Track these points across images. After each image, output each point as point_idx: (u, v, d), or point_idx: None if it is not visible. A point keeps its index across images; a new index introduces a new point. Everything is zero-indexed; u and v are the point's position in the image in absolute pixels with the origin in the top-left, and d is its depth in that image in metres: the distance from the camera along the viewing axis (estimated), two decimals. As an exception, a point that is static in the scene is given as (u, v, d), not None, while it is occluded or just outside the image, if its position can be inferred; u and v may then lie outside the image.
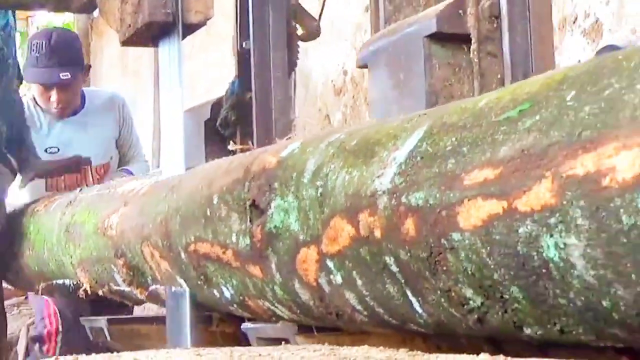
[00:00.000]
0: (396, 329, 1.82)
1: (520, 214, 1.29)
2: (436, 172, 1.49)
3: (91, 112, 4.66)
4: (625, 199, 1.13)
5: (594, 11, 3.65)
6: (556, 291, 1.30)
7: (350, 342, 2.05)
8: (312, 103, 6.10)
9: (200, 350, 1.76)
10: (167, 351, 1.86)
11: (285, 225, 1.94)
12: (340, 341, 2.09)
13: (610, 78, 1.24)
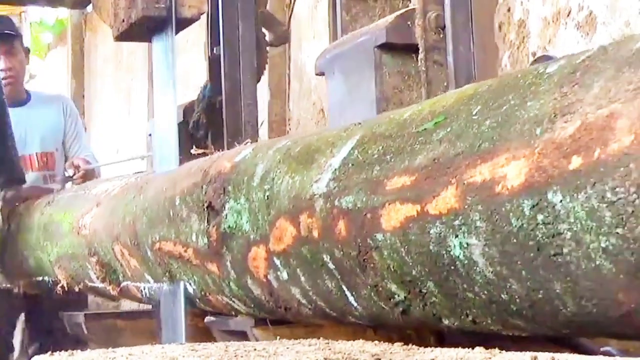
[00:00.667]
0: (338, 321, 1.95)
1: (431, 216, 1.43)
2: (364, 178, 1.62)
3: (35, 106, 4.81)
4: (514, 203, 1.27)
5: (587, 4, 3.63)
6: (464, 286, 1.44)
7: (304, 334, 2.19)
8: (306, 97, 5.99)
9: (195, 346, 1.75)
10: (163, 346, 1.85)
11: (238, 226, 2.08)
12: (295, 333, 2.22)
13: (508, 95, 1.38)
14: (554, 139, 1.21)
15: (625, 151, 1.10)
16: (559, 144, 1.20)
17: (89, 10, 8.64)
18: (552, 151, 1.21)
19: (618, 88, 1.15)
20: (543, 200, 1.22)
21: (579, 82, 1.24)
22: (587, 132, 1.16)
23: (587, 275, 1.21)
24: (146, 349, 1.75)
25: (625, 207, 1.11)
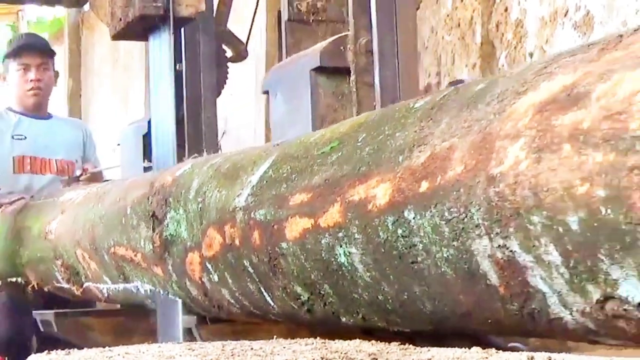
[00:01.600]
0: (262, 319, 2.17)
1: (322, 229, 1.65)
2: (274, 194, 1.84)
3: (58, 123, 5.04)
4: (381, 219, 1.49)
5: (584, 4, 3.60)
6: (350, 288, 1.66)
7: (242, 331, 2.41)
8: None
9: (192, 345, 1.74)
10: (159, 345, 1.84)
11: (177, 234, 2.29)
12: (235, 330, 2.44)
13: (385, 125, 1.60)
14: (411, 166, 1.43)
15: (457, 178, 1.32)
16: (413, 170, 1.42)
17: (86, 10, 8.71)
18: (409, 176, 1.43)
19: (457, 125, 1.37)
20: (401, 217, 1.44)
21: (433, 118, 1.46)
22: (434, 161, 1.38)
23: (436, 280, 1.42)
24: (143, 348, 1.74)
25: (458, 224, 1.32)
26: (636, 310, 1.14)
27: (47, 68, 4.92)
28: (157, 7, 2.96)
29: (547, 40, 3.78)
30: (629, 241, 1.08)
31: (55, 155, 4.90)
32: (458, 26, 4.40)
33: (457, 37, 4.40)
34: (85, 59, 9.94)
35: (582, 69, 1.18)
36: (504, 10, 4.06)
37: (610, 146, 1.08)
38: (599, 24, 3.52)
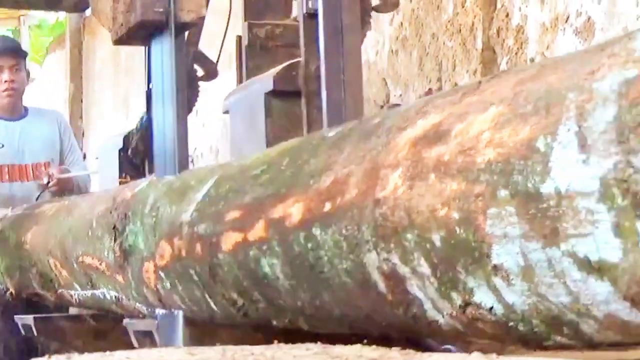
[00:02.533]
0: (209, 323, 2.36)
1: (249, 242, 1.85)
2: (213, 210, 2.04)
3: (32, 120, 5.19)
4: (295, 234, 1.68)
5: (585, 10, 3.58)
6: (275, 295, 1.85)
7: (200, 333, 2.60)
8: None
9: (192, 350, 1.71)
10: (159, 350, 1.81)
11: (135, 245, 2.48)
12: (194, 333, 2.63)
13: (304, 151, 1.80)
14: (318, 189, 1.63)
15: (352, 200, 1.52)
16: (320, 192, 1.62)
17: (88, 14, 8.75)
18: (316, 197, 1.63)
19: (355, 154, 1.57)
20: (310, 233, 1.63)
21: (339, 147, 1.66)
22: (335, 185, 1.58)
23: (339, 287, 1.62)
24: (143, 353, 1.72)
25: (353, 240, 1.52)
26: (489, 314, 1.34)
27: (19, 69, 5.09)
28: (158, 13, 2.95)
29: (548, 46, 3.80)
30: (477, 256, 1.28)
31: (31, 158, 5.05)
32: (459, 32, 4.39)
33: (458, 42, 4.39)
34: (87, 64, 9.89)
35: (448, 110, 1.38)
36: (505, 16, 4.07)
37: (462, 176, 1.28)
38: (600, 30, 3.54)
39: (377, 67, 5.08)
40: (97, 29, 8.85)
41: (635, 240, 1.09)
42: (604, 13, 3.51)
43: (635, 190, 1.07)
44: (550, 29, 3.81)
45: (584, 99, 1.13)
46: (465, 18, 4.35)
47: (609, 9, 3.49)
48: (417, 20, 4.70)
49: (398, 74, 4.89)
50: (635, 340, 1.24)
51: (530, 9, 3.88)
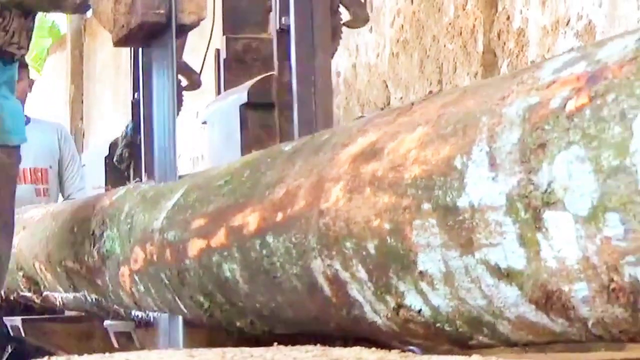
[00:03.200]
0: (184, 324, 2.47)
1: (212, 249, 1.96)
2: (181, 218, 2.15)
3: (34, 128, 5.29)
4: (252, 242, 1.80)
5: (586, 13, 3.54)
6: (236, 297, 1.97)
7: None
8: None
9: (192, 351, 1.69)
10: (160, 352, 1.79)
11: (112, 250, 2.60)
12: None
13: (262, 164, 1.91)
14: (272, 199, 1.75)
15: (300, 211, 1.63)
16: (274, 203, 1.74)
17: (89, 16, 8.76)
18: (270, 207, 1.74)
19: (305, 168, 1.69)
20: (265, 240, 1.75)
21: (292, 161, 1.77)
22: (287, 197, 1.70)
23: (291, 291, 1.74)
24: (143, 355, 1.70)
25: (301, 247, 1.64)
26: (419, 316, 1.45)
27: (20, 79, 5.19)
28: (159, 15, 2.91)
29: (549, 49, 3.81)
30: (406, 263, 1.40)
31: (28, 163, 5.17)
32: (460, 34, 4.39)
33: (459, 45, 4.38)
34: (87, 65, 9.88)
35: (383, 129, 1.50)
36: (505, 19, 4.08)
37: (392, 190, 1.40)
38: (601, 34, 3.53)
39: (377, 70, 5.07)
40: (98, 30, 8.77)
41: (537, 250, 1.20)
42: (604, 16, 3.52)
43: (535, 205, 1.18)
44: (551, 32, 3.80)
45: (495, 122, 1.25)
46: (466, 21, 4.33)
47: (610, 12, 3.49)
48: (418, 22, 4.68)
49: (399, 77, 4.87)
50: (545, 340, 1.35)
51: (531, 11, 3.86)
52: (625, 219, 1.09)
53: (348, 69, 5.38)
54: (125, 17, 2.98)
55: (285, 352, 1.57)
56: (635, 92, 1.08)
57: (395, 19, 4.85)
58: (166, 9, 2.90)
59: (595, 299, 1.17)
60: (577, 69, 1.19)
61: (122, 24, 3.00)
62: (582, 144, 1.13)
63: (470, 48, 4.32)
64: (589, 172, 1.12)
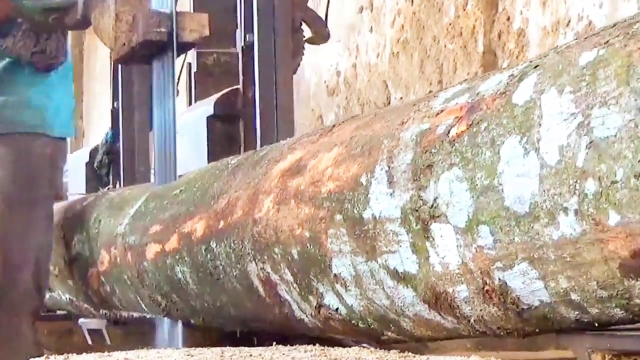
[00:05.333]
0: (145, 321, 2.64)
1: (166, 252, 2.12)
2: (141, 224, 2.32)
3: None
4: (199, 247, 1.96)
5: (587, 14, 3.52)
6: (188, 297, 2.13)
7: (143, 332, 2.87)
8: (305, 103, 5.69)
9: (191, 351, 1.69)
10: (158, 351, 1.78)
11: (81, 252, 2.76)
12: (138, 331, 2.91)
13: (212, 177, 2.08)
14: (216, 209, 1.91)
15: (238, 220, 1.80)
16: (218, 212, 1.90)
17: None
18: (214, 216, 1.91)
19: (244, 180, 1.85)
20: (209, 246, 1.91)
21: (234, 174, 1.94)
22: (228, 206, 1.86)
23: (232, 291, 1.90)
24: (142, 354, 1.71)
25: (239, 252, 1.80)
26: (336, 314, 1.62)
27: None
28: (160, 33, 2.91)
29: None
30: (323, 267, 1.56)
31: None
32: (460, 35, 4.36)
33: (460, 45, 4.35)
34: (87, 64, 9.95)
35: (308, 147, 1.67)
36: (506, 20, 4.07)
37: (312, 203, 1.57)
38: None
39: (377, 70, 5.04)
40: (98, 30, 8.83)
41: (426, 256, 1.37)
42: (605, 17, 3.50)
43: (424, 218, 1.35)
44: (552, 33, 3.79)
45: (394, 145, 1.42)
46: (467, 21, 4.31)
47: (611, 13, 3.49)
48: (418, 22, 4.66)
49: (399, 77, 4.85)
50: (442, 336, 1.52)
51: (532, 12, 3.86)
52: (494, 230, 1.26)
53: (348, 68, 5.34)
54: (127, 35, 3.01)
55: (284, 352, 1.59)
56: (503, 122, 1.25)
57: (396, 19, 4.82)
58: (167, 27, 2.93)
59: (474, 299, 1.34)
60: (461, 100, 1.36)
61: (123, 42, 3.02)
62: (461, 166, 1.29)
63: (470, 48, 4.29)
64: (466, 190, 1.28)
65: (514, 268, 1.26)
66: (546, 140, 1.19)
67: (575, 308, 1.24)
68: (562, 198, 1.17)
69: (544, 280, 1.23)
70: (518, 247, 1.24)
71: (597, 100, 1.14)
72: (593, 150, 1.13)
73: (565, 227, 1.17)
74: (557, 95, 1.20)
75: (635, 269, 1.14)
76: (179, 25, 2.95)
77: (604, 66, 1.15)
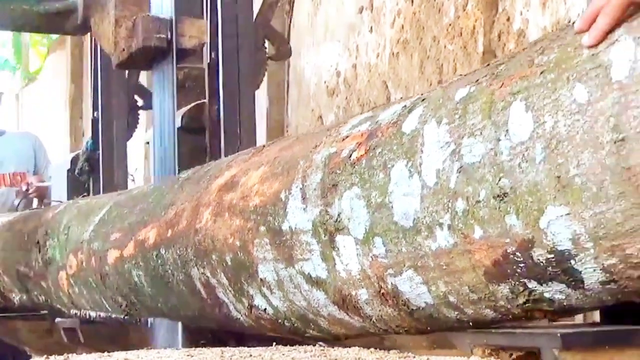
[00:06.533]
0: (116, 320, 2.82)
1: (124, 258, 2.31)
2: (104, 231, 2.50)
3: (10, 139, 5.65)
4: (152, 252, 2.14)
5: None
6: (145, 299, 2.31)
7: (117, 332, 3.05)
8: (305, 104, 5.72)
9: (191, 351, 1.70)
10: (158, 351, 1.78)
11: (53, 257, 2.94)
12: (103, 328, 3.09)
13: (165, 188, 2.26)
14: (166, 219, 2.09)
15: (183, 229, 1.98)
16: (167, 221, 2.08)
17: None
18: (164, 225, 2.09)
19: (190, 194, 2.04)
20: (159, 252, 2.10)
21: (183, 187, 2.12)
22: (175, 217, 2.04)
23: (180, 294, 2.08)
24: (142, 354, 1.71)
25: (184, 258, 1.98)
26: (265, 314, 1.80)
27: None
28: (160, 39, 2.95)
29: None
30: (251, 272, 1.75)
31: (7, 169, 5.52)
32: (460, 35, 4.39)
33: (459, 46, 4.38)
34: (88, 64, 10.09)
35: (241, 165, 1.85)
36: (506, 20, 4.09)
37: (242, 215, 1.75)
38: None
39: (377, 70, 5.05)
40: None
41: (333, 264, 1.55)
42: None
43: (330, 230, 1.53)
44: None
45: (307, 165, 1.60)
46: (467, 21, 4.34)
47: None
48: (418, 23, 4.68)
49: (399, 77, 4.87)
50: (354, 334, 1.70)
51: (532, 13, 3.89)
52: (385, 242, 1.44)
53: (348, 69, 5.34)
54: (126, 41, 3.05)
55: (284, 352, 1.60)
56: (393, 148, 1.44)
57: (396, 20, 4.83)
58: (167, 33, 2.97)
59: (373, 301, 1.52)
60: (363, 127, 1.54)
61: (122, 48, 3.06)
62: (360, 185, 1.48)
63: (470, 49, 4.31)
64: (364, 207, 1.47)
65: (403, 274, 1.44)
66: (426, 164, 1.37)
67: (454, 309, 1.42)
68: (438, 215, 1.35)
69: (427, 284, 1.42)
70: (405, 256, 1.42)
71: (467, 131, 1.33)
72: (462, 174, 1.32)
73: (441, 239, 1.36)
74: (436, 126, 1.38)
75: (497, 276, 1.32)
76: (178, 31, 3.02)
77: (472, 102, 1.34)
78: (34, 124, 11.09)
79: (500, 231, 1.28)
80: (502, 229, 1.27)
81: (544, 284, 1.29)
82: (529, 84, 1.26)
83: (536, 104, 1.24)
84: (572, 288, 1.27)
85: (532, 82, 1.26)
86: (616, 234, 1.17)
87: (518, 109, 1.26)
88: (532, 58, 1.29)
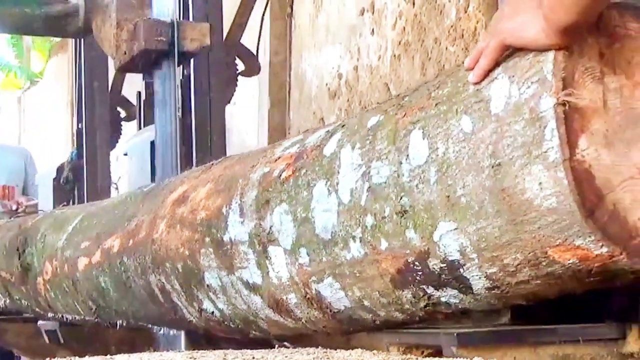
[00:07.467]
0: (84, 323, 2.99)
1: (93, 265, 2.48)
2: (75, 240, 2.67)
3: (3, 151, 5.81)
4: (116, 259, 2.32)
5: None
6: (112, 303, 2.48)
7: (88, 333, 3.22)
8: (306, 106, 5.72)
9: (193, 353, 1.69)
10: (161, 354, 1.78)
11: (32, 263, 3.11)
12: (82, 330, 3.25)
13: (130, 201, 2.43)
14: (128, 229, 2.27)
15: (142, 239, 2.16)
16: (129, 232, 2.26)
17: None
18: (126, 235, 2.26)
19: (148, 207, 2.21)
20: (122, 260, 2.27)
21: (144, 200, 2.29)
22: (136, 228, 2.22)
23: (140, 298, 2.26)
24: (145, 356, 1.72)
25: (142, 265, 2.16)
26: (213, 317, 1.98)
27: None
28: (161, 42, 2.96)
29: None
30: (199, 279, 1.92)
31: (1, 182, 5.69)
32: (462, 37, 4.37)
33: (461, 48, 4.37)
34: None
35: (193, 182, 2.03)
36: None
37: (191, 227, 1.93)
38: None
39: (379, 72, 5.04)
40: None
41: (267, 271, 1.73)
42: None
43: (264, 242, 1.71)
44: None
45: (245, 183, 1.78)
46: (468, 23, 4.32)
47: None
48: (419, 25, 4.67)
49: (400, 79, 4.85)
50: (292, 333, 1.87)
51: None
52: (309, 252, 1.62)
53: (350, 71, 5.32)
54: (128, 44, 3.06)
55: (287, 354, 1.60)
56: (315, 169, 1.62)
57: (397, 21, 4.82)
58: (168, 36, 2.98)
59: (301, 304, 1.70)
60: (292, 150, 1.72)
61: (124, 51, 3.08)
62: (288, 202, 1.65)
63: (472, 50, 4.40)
64: (291, 221, 1.65)
65: (324, 281, 1.62)
66: (342, 184, 1.55)
67: (368, 312, 1.60)
68: (351, 229, 1.53)
69: (345, 290, 1.60)
70: (325, 265, 1.60)
71: (375, 155, 1.50)
72: (371, 193, 1.49)
73: (355, 250, 1.54)
74: (350, 150, 1.56)
75: (401, 282, 1.50)
76: (180, 34, 3.03)
77: (381, 129, 1.52)
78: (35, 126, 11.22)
79: (402, 243, 1.45)
80: (404, 241, 1.45)
81: (440, 290, 1.46)
82: (426, 114, 1.44)
83: (431, 132, 1.41)
84: (463, 293, 1.44)
85: (428, 113, 1.43)
86: (495, 246, 1.35)
87: (417, 136, 1.44)
88: (430, 91, 1.47)
